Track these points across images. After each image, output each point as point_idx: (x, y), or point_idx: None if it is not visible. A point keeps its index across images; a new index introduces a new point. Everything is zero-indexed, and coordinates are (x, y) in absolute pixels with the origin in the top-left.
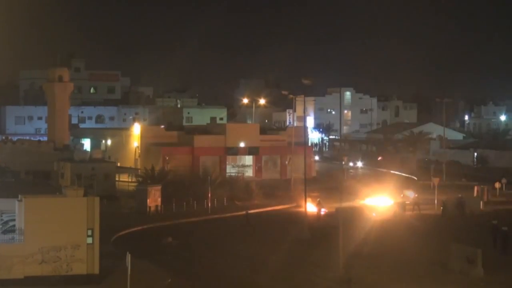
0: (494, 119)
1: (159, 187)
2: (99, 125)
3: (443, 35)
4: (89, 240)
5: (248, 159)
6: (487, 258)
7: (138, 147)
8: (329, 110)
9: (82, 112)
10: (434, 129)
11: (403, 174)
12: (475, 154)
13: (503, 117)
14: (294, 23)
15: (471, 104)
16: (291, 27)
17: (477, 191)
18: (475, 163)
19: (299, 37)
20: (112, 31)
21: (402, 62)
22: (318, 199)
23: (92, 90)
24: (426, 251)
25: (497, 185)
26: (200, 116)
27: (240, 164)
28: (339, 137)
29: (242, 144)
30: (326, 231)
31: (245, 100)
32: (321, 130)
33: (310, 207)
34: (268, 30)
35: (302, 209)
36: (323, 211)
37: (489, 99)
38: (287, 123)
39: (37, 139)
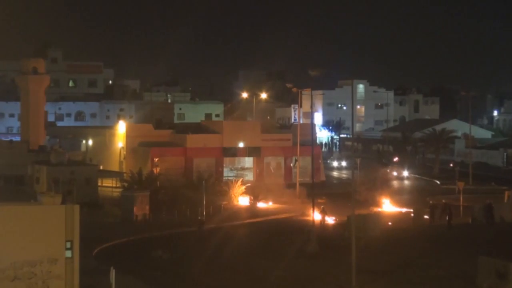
0: None
1: (147, 193)
2: (79, 123)
3: (469, 21)
4: (68, 253)
5: (248, 161)
6: None
7: (123, 148)
8: (339, 105)
9: (59, 108)
10: (459, 127)
11: (424, 178)
12: (506, 154)
13: None
14: (300, 8)
15: (500, 98)
16: (297, 13)
17: (508, 196)
18: (505, 165)
19: (305, 24)
20: (93, 18)
21: (422, 51)
22: (322, 206)
23: (71, 83)
24: (450, 264)
25: None
26: (193, 113)
27: (239, 166)
28: (351, 136)
29: (241, 144)
30: (336, 243)
31: (245, 94)
32: (330, 128)
33: (318, 216)
34: (270, 15)
35: (309, 218)
36: (331, 220)
37: None
38: (292, 120)
39: (8, 139)
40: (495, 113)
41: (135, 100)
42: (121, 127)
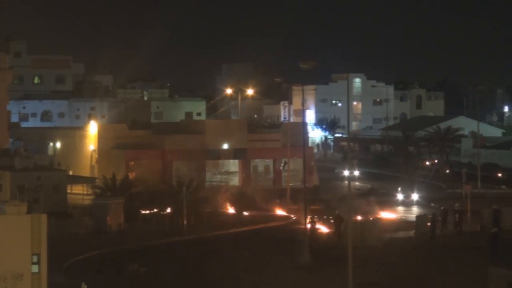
0: None
1: (121, 201)
2: (45, 124)
3: (475, 10)
4: (35, 268)
5: (234, 164)
6: None
7: (95, 150)
8: (334, 101)
9: (24, 107)
10: (466, 124)
11: (427, 181)
12: None
13: None
14: None
15: (511, 92)
16: (287, 2)
17: None
18: None
19: (296, 13)
20: (61, 7)
21: (425, 42)
22: (311, 216)
23: (36, 79)
24: (457, 276)
25: None
26: (172, 111)
27: (224, 170)
28: (346, 135)
29: (225, 146)
30: (330, 254)
31: (229, 91)
32: (324, 126)
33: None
34: (258, 4)
35: (301, 226)
36: (325, 228)
37: None
38: (282, 119)
39: None
40: (506, 109)
41: (108, 98)
42: (93, 127)
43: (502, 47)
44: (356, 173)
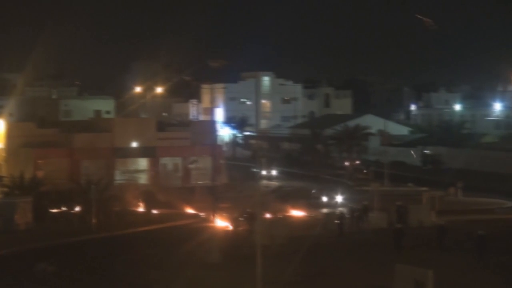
0: (447, 109)
1: (29, 200)
2: None
3: (384, 8)
4: None
5: (142, 163)
6: (440, 280)
7: (2, 149)
8: (243, 100)
9: None
10: (374, 122)
11: (335, 179)
12: (424, 152)
13: (457, 107)
14: None
15: (418, 91)
16: (196, 2)
17: (427, 198)
18: (424, 164)
19: (204, 12)
20: None
21: (333, 40)
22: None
23: None
24: (365, 273)
25: (451, 190)
26: (81, 109)
27: (133, 169)
28: (256, 134)
29: (134, 144)
30: (241, 252)
31: (138, 89)
32: (233, 125)
33: (221, 222)
34: (167, 2)
35: (212, 224)
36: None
37: (440, 85)
38: (191, 117)
39: None
40: (413, 107)
41: (16, 96)
42: (0, 126)
43: (409, 46)
44: (274, 172)
